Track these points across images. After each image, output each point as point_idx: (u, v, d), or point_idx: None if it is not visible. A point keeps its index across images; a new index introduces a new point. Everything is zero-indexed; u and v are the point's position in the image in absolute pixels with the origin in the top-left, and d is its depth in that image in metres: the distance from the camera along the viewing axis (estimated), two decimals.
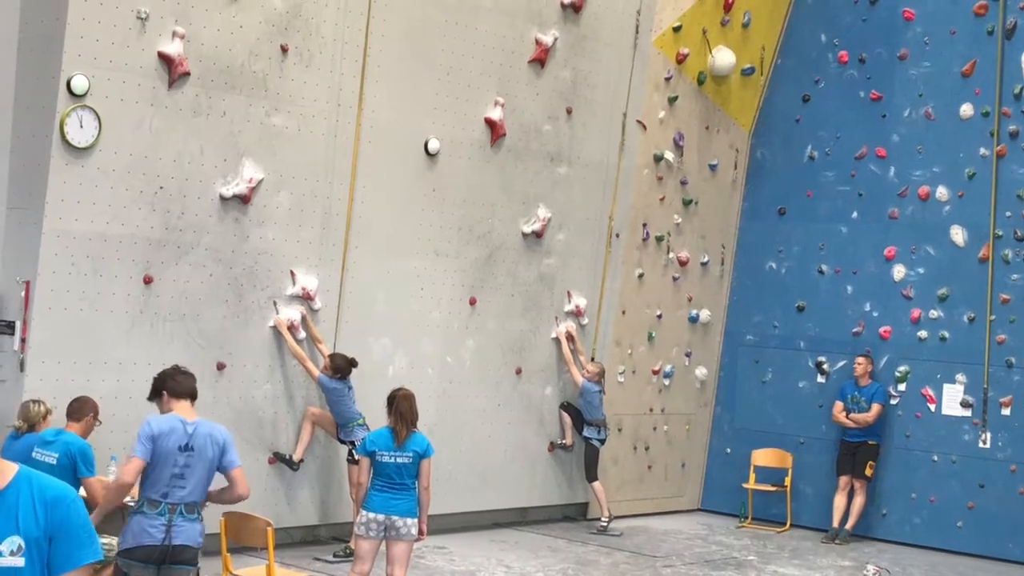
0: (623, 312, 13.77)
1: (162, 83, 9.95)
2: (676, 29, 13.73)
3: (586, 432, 13.17)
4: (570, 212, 13.15)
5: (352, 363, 10.90)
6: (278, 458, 10.96)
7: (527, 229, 12.78)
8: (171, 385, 7.09)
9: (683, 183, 14.23)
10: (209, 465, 6.98)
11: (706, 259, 14.66)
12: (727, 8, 14.11)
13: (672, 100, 13.88)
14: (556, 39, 12.70)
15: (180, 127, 10.11)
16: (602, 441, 13.21)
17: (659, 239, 14.06)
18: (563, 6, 12.73)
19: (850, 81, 14.26)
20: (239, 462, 7.15)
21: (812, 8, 14.59)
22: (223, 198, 10.43)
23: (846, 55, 14.28)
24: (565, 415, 13.29)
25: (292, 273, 10.95)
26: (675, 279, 14.34)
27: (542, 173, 12.85)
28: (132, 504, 7.19)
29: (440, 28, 11.79)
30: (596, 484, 13.19)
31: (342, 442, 11.07)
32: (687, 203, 14.31)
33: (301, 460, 11.03)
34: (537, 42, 12.57)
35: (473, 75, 12.09)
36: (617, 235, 13.56)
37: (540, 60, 12.61)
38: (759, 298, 14.79)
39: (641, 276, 13.92)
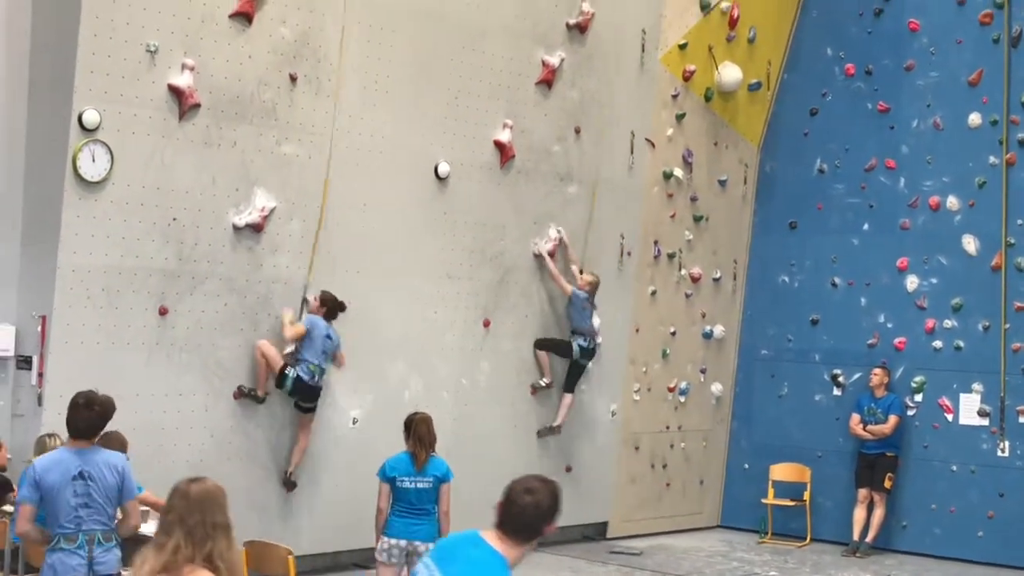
0: (636, 330, 13.77)
1: (173, 115, 10.01)
2: (682, 46, 13.76)
3: (574, 342, 12.76)
4: (581, 231, 13.16)
5: (341, 306, 10.92)
6: (242, 392, 10.64)
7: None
8: (68, 421, 6.87)
9: (693, 199, 14.25)
10: (108, 492, 6.76)
11: (718, 275, 14.66)
12: (732, 24, 14.15)
13: (680, 117, 13.91)
14: (563, 60, 12.73)
15: (191, 158, 10.16)
16: (590, 352, 12.83)
17: (671, 256, 14.07)
18: (568, 27, 12.77)
19: (857, 93, 14.28)
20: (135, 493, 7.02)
21: (818, 21, 14.62)
22: (236, 227, 10.47)
23: (853, 67, 14.30)
24: (541, 353, 12.84)
25: (305, 300, 10.98)
26: (688, 296, 14.35)
27: (552, 193, 12.87)
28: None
29: (447, 52, 11.83)
30: (569, 396, 12.85)
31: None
32: (698, 219, 14.32)
33: (267, 394, 10.74)
34: (544, 63, 12.60)
35: (481, 98, 12.13)
36: (629, 253, 13.56)
37: (547, 81, 12.64)
38: (773, 312, 14.78)
39: (654, 293, 13.93)
